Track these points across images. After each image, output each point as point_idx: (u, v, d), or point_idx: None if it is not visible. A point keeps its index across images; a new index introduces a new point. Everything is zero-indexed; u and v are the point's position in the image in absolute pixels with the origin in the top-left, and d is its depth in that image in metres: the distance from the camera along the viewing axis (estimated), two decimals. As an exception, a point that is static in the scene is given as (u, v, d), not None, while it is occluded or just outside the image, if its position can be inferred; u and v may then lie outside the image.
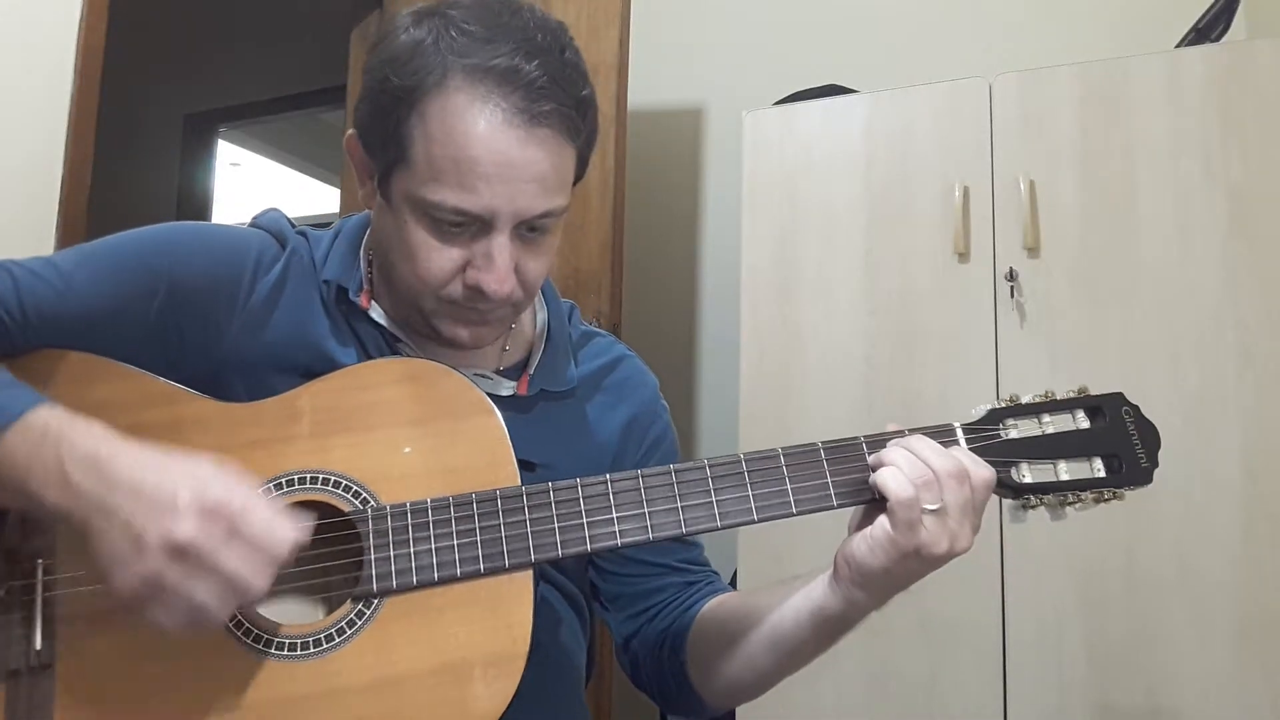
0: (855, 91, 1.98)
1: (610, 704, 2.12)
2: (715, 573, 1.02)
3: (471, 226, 0.83)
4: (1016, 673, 1.62)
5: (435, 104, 0.81)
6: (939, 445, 0.79)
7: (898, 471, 0.77)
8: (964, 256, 1.76)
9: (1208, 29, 1.73)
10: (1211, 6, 1.74)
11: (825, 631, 0.84)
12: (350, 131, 0.90)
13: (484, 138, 0.80)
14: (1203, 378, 1.57)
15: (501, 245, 0.83)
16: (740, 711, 1.79)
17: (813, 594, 0.84)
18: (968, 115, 1.80)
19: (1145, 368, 1.60)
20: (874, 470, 0.79)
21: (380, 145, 0.85)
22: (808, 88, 2.06)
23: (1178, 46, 1.76)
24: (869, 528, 0.79)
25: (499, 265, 0.83)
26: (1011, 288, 1.71)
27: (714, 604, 0.95)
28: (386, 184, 0.86)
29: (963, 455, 0.79)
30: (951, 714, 1.65)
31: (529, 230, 0.85)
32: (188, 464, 0.71)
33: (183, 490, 0.69)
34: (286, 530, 0.71)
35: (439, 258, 0.84)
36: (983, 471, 0.79)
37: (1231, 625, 1.51)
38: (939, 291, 1.77)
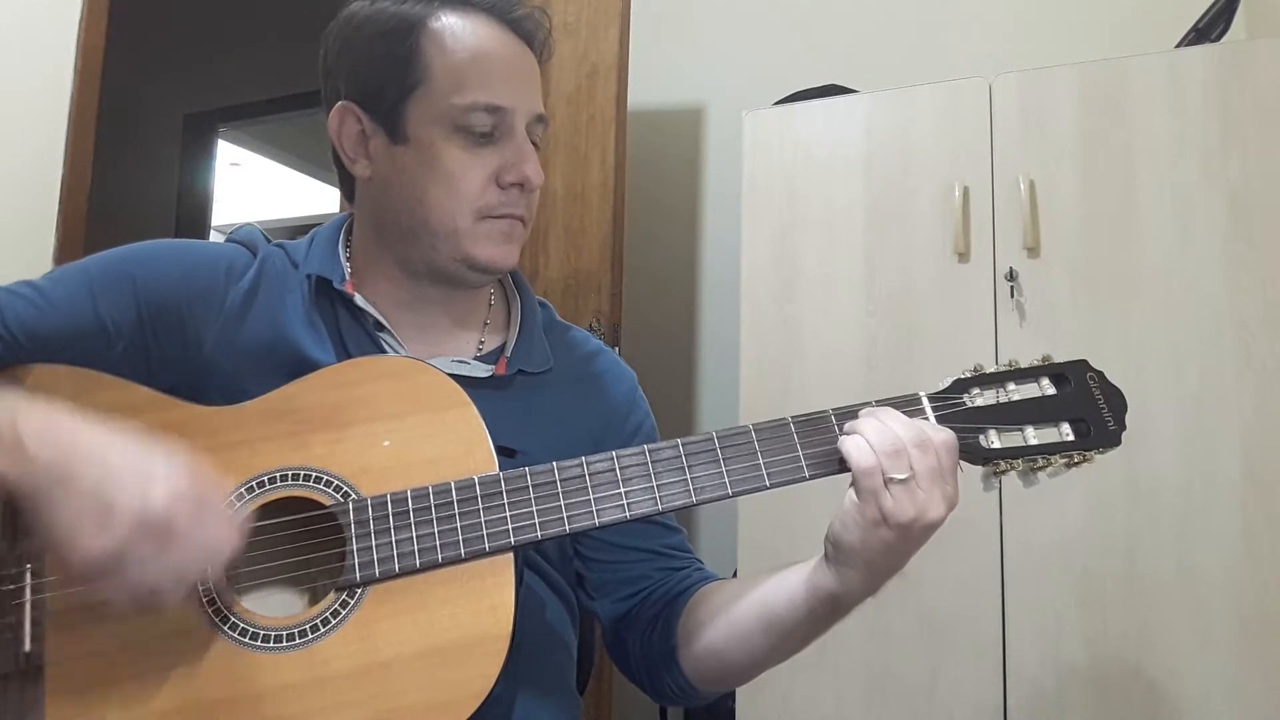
0: (855, 91, 1.98)
1: (610, 704, 2.12)
2: (699, 559, 1.03)
3: (496, 129, 0.91)
4: (1016, 673, 1.62)
5: (438, 26, 0.91)
6: (905, 416, 0.80)
7: (861, 440, 0.79)
8: (964, 256, 1.76)
9: (1208, 29, 1.73)
10: (1211, 6, 1.74)
11: (820, 614, 0.85)
12: (338, 105, 0.94)
13: (490, 41, 0.92)
14: (1203, 378, 1.57)
15: (525, 139, 0.93)
16: (740, 711, 1.79)
17: (806, 575, 0.85)
18: (968, 115, 1.80)
19: (1145, 368, 1.60)
20: (841, 441, 0.81)
21: (390, 83, 0.91)
22: (808, 88, 2.06)
23: (1178, 46, 1.76)
24: (844, 504, 0.80)
25: (530, 155, 0.92)
26: (1011, 288, 1.71)
27: (708, 588, 0.96)
28: (399, 125, 0.91)
29: (921, 422, 0.80)
30: (951, 714, 1.65)
31: (530, 141, 0.94)
32: (146, 444, 0.73)
33: (158, 465, 0.70)
34: (232, 529, 0.73)
35: (473, 168, 0.90)
36: (941, 435, 0.79)
37: (1231, 625, 1.51)
38: (939, 291, 1.77)
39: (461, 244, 0.91)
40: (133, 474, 0.69)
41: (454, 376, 0.86)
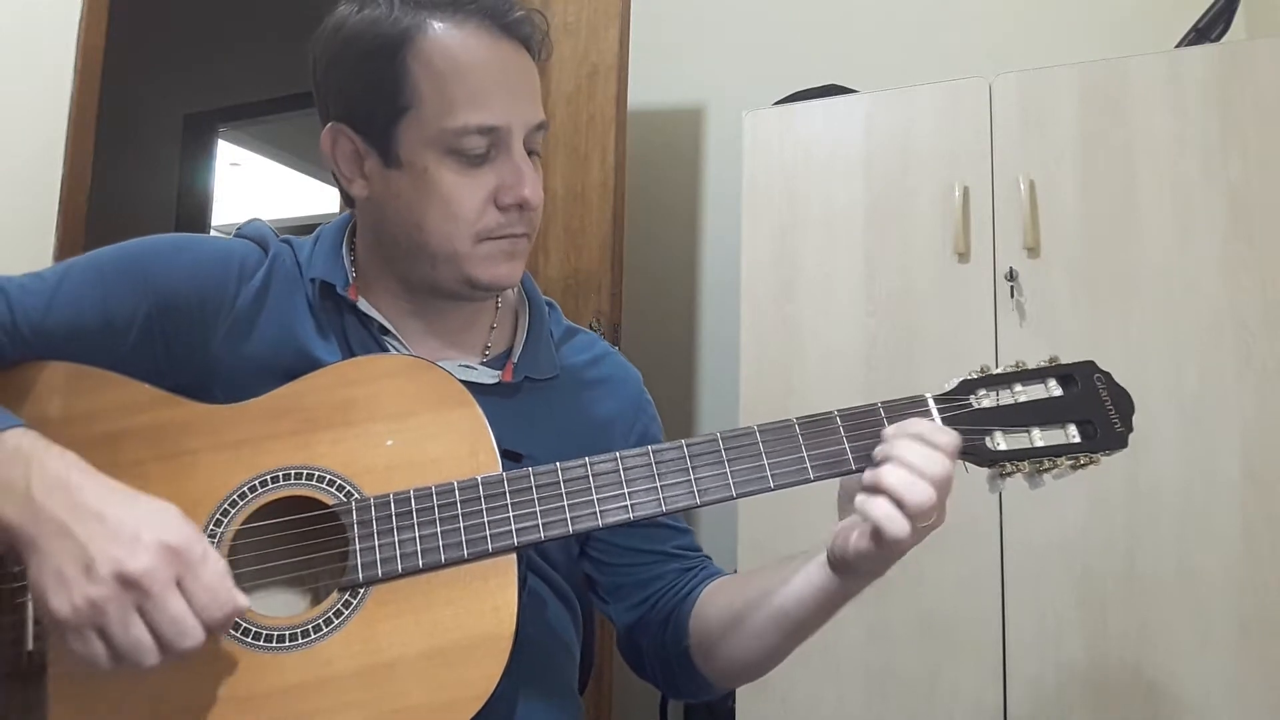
0: (855, 91, 1.98)
1: (610, 703, 2.12)
2: (708, 557, 1.03)
3: (491, 149, 0.88)
4: (1016, 673, 1.62)
5: (427, 43, 0.87)
6: (928, 450, 0.77)
7: (895, 512, 0.75)
8: (964, 256, 1.76)
9: (1208, 29, 1.73)
10: (1211, 6, 1.74)
11: (831, 606, 0.86)
12: (330, 125, 0.92)
13: (482, 54, 0.87)
14: (1203, 378, 1.57)
15: (523, 156, 0.89)
16: (741, 710, 1.79)
17: (812, 577, 0.85)
18: (968, 115, 1.80)
19: (1145, 368, 1.60)
20: (869, 491, 0.77)
21: (380, 107, 0.88)
22: (808, 88, 2.06)
23: (1178, 46, 1.76)
24: (854, 537, 0.79)
25: (528, 174, 0.89)
26: (1011, 288, 1.71)
27: (713, 587, 0.96)
28: (392, 149, 0.88)
29: (941, 461, 0.77)
30: (951, 714, 1.65)
31: (528, 151, 0.91)
32: (154, 504, 0.72)
33: (146, 525, 0.69)
34: (233, 592, 0.71)
35: (469, 190, 0.87)
36: (948, 467, 0.77)
37: (1231, 625, 1.51)
38: (939, 291, 1.77)
39: (462, 266, 0.89)
40: (123, 532, 0.69)
41: (461, 383, 0.85)
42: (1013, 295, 1.71)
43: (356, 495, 0.80)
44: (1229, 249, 1.59)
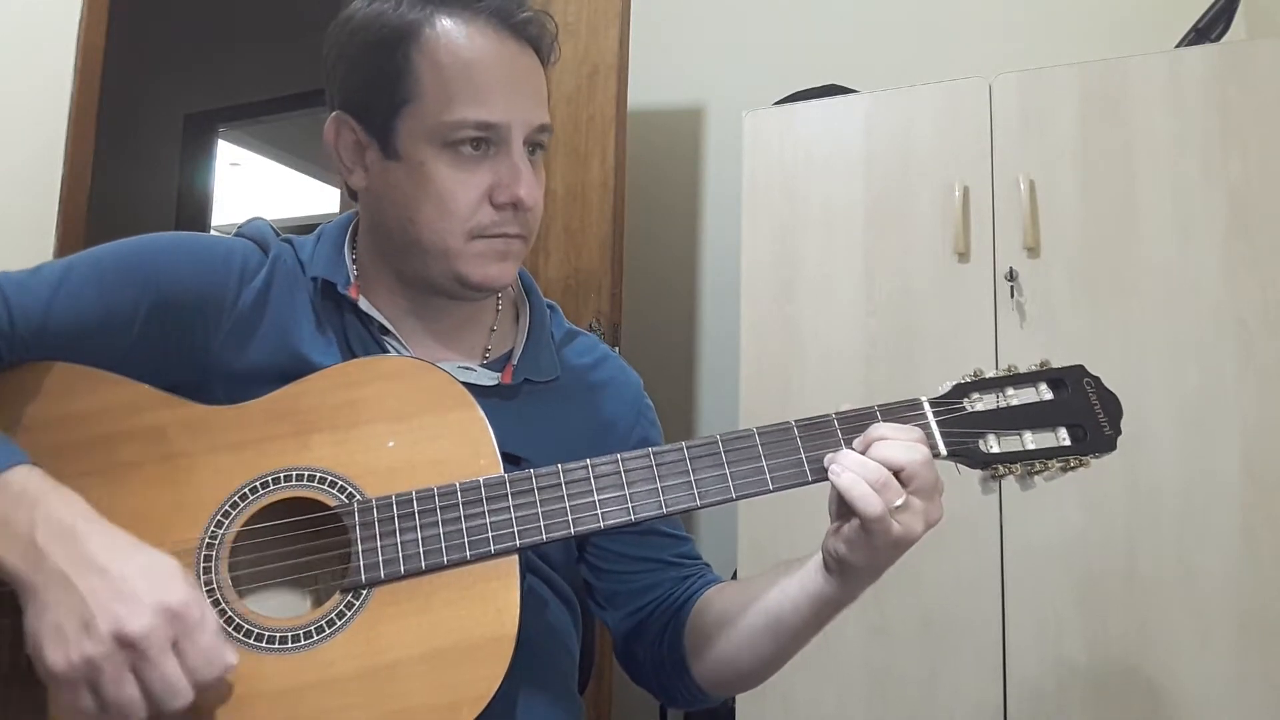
0: (855, 91, 1.98)
1: (610, 704, 2.12)
2: (707, 565, 1.03)
3: (490, 147, 0.88)
4: (1016, 673, 1.63)
5: (432, 36, 0.87)
6: (896, 439, 0.80)
7: (859, 481, 0.77)
8: (964, 256, 1.76)
9: (1208, 29, 1.73)
10: (1211, 6, 1.74)
11: (825, 614, 0.86)
12: (334, 115, 0.92)
13: (487, 51, 0.88)
14: (1203, 378, 1.58)
15: (521, 156, 0.89)
16: (741, 711, 1.79)
17: (807, 584, 0.86)
18: (968, 115, 1.80)
19: (1145, 367, 1.60)
20: (834, 475, 0.79)
21: (381, 98, 0.88)
22: (808, 88, 2.06)
23: (1178, 46, 1.76)
24: (845, 529, 0.80)
25: (525, 174, 0.88)
26: (1011, 288, 1.71)
27: (708, 596, 0.96)
28: (392, 140, 0.88)
29: (900, 447, 0.79)
30: (952, 714, 1.65)
31: (530, 150, 0.91)
32: (157, 559, 0.71)
33: (148, 584, 0.68)
34: (225, 652, 0.70)
35: (464, 186, 0.87)
36: (918, 454, 0.79)
37: (1231, 625, 1.51)
38: (939, 291, 1.77)
39: (454, 264, 0.89)
40: (124, 590, 0.67)
41: (462, 385, 0.85)
42: (1013, 295, 1.71)
43: (358, 496, 0.80)
44: (1229, 249, 1.59)
